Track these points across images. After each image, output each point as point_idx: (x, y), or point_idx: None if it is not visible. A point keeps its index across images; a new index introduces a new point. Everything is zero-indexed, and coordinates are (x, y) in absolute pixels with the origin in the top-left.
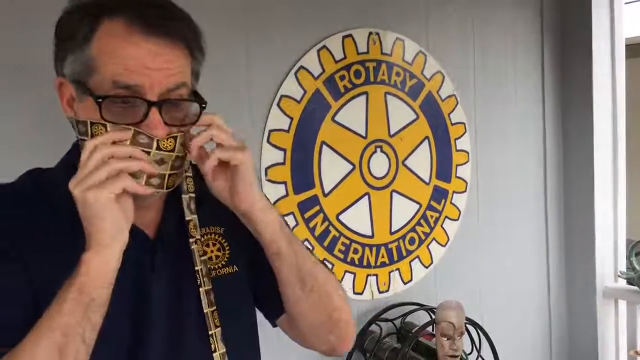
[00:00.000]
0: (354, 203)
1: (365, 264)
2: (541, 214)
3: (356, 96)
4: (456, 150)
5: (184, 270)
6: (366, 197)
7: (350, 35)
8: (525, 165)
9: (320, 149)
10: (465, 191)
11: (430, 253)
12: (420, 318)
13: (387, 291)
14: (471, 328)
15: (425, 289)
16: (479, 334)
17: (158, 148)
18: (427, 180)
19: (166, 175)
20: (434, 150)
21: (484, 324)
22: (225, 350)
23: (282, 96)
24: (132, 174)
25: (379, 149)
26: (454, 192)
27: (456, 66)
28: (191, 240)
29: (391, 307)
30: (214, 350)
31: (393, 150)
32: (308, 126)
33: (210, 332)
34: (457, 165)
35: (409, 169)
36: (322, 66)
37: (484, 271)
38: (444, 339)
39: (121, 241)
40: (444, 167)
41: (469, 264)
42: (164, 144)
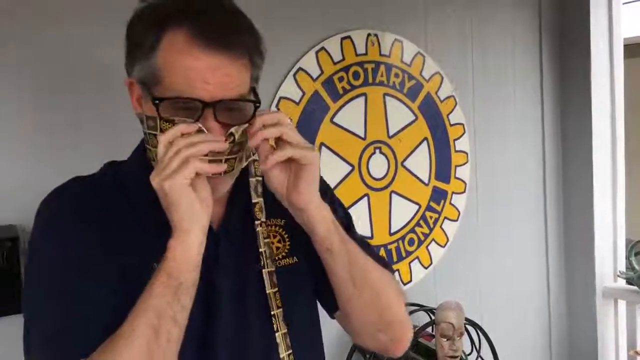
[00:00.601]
0: (353, 204)
1: None
2: (540, 214)
3: (355, 97)
4: (455, 151)
5: (247, 257)
6: (365, 198)
7: (348, 36)
8: (525, 166)
9: (319, 150)
10: (464, 192)
11: (429, 254)
12: (420, 319)
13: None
14: (471, 328)
15: (425, 289)
16: (478, 334)
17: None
18: (426, 181)
19: (223, 160)
20: (433, 151)
21: (483, 324)
22: (286, 332)
23: (281, 98)
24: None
25: (378, 150)
26: (453, 192)
27: (455, 67)
28: (256, 222)
29: None
30: (276, 330)
31: (392, 151)
32: (307, 128)
33: (272, 312)
34: (456, 166)
35: (408, 170)
36: (320, 68)
37: (483, 272)
38: (444, 339)
39: (200, 225)
40: (443, 167)
41: (469, 264)
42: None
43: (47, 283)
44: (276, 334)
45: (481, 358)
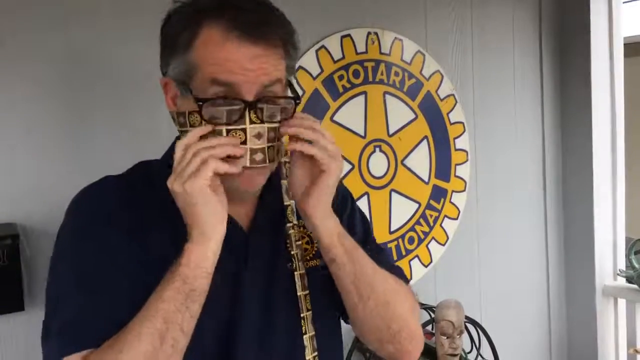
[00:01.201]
0: None
1: None
2: (540, 212)
3: (355, 96)
4: (455, 150)
5: (276, 258)
6: (365, 196)
7: (348, 35)
8: (524, 164)
9: None
10: (464, 190)
11: (429, 252)
12: (420, 317)
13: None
14: (471, 327)
15: (425, 288)
16: (478, 332)
17: (251, 122)
18: (426, 180)
19: (266, 149)
20: (433, 150)
21: (483, 322)
22: (314, 334)
23: None
24: (233, 157)
25: (377, 149)
26: (453, 191)
27: (455, 66)
28: (288, 225)
29: None
30: (304, 333)
31: (392, 149)
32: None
33: (302, 315)
34: (456, 165)
35: (408, 169)
36: (320, 66)
37: (483, 270)
38: (444, 337)
39: (220, 231)
40: (443, 166)
41: (469, 263)
42: (254, 117)
43: (71, 275)
44: (304, 336)
45: (481, 356)
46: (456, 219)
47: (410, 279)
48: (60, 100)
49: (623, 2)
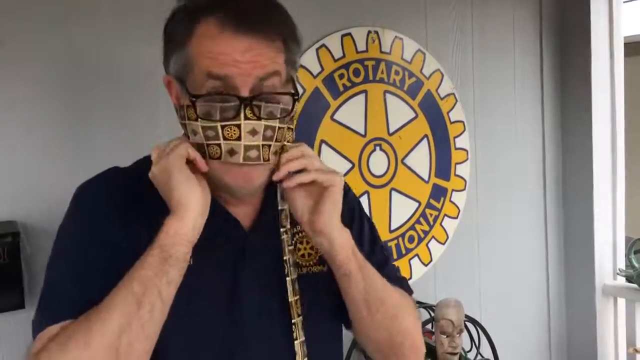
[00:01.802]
0: None
1: None
2: (540, 211)
3: (355, 95)
4: (455, 149)
5: (274, 260)
6: (365, 195)
7: (349, 33)
8: (524, 164)
9: (319, 147)
10: (464, 189)
11: (429, 251)
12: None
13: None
14: (470, 326)
15: (425, 287)
16: (478, 331)
17: (246, 118)
18: (426, 179)
19: (260, 146)
20: (433, 149)
21: (483, 321)
22: (304, 340)
23: None
24: (230, 151)
25: (378, 148)
26: (453, 190)
27: (455, 64)
28: (282, 230)
29: None
30: (295, 338)
31: (392, 148)
32: (307, 125)
33: (293, 320)
34: (456, 164)
35: (408, 168)
36: (321, 65)
37: (483, 269)
38: (443, 336)
39: (197, 203)
40: (443, 165)
41: (468, 262)
42: (249, 113)
43: (61, 259)
44: (295, 341)
45: (481, 355)
46: (456, 218)
47: (410, 278)
48: (60, 100)
49: (623, 2)
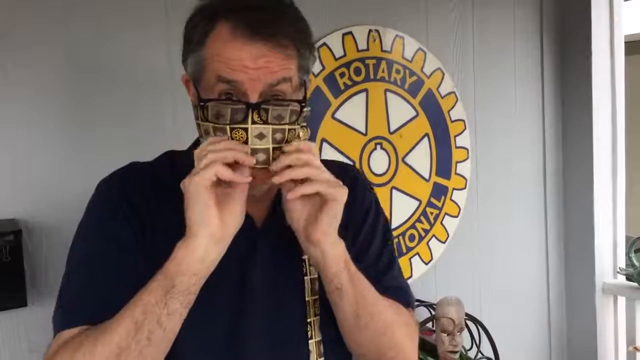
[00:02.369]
0: None
1: None
2: (541, 210)
3: (356, 93)
4: (456, 147)
5: (286, 259)
6: None
7: (350, 32)
8: (525, 162)
9: (320, 146)
10: (465, 188)
11: (430, 249)
12: (420, 314)
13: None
14: (471, 324)
15: (425, 285)
16: (478, 329)
17: (253, 122)
18: (427, 177)
19: (270, 149)
20: (433, 147)
21: (483, 319)
22: (320, 339)
23: None
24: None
25: (379, 146)
26: (453, 188)
27: (456, 63)
28: None
29: None
30: (310, 337)
31: (393, 147)
32: (308, 123)
33: (309, 320)
34: (456, 162)
35: (409, 166)
36: (322, 63)
37: (483, 267)
38: (444, 334)
39: (209, 231)
40: (443, 164)
41: (469, 260)
42: (257, 118)
43: (80, 256)
44: (310, 341)
45: (481, 353)
46: (457, 216)
47: (410, 276)
48: (61, 99)
49: (624, 0)
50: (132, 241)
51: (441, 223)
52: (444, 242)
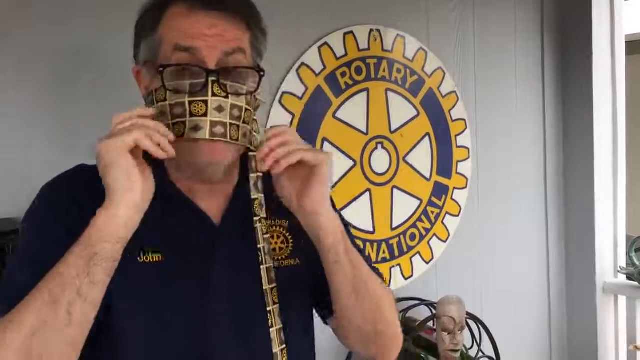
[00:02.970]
0: (355, 199)
1: None
2: (541, 209)
3: (357, 93)
4: (457, 147)
5: (246, 252)
6: (367, 193)
7: (351, 32)
8: (526, 161)
9: (321, 145)
10: (465, 187)
11: (431, 249)
12: (421, 313)
13: (388, 287)
14: (472, 323)
15: (426, 284)
16: (479, 328)
17: (213, 94)
18: (427, 177)
19: (227, 124)
20: (434, 147)
21: (484, 318)
22: (281, 327)
23: (284, 93)
24: (195, 127)
25: (380, 145)
26: (454, 188)
27: (457, 62)
28: (255, 218)
29: None
30: (271, 326)
31: (394, 146)
32: (309, 123)
33: (268, 308)
34: (457, 162)
35: (410, 165)
36: (323, 63)
37: (484, 266)
38: (445, 333)
39: (131, 198)
40: (444, 163)
41: (470, 259)
42: (217, 90)
43: (20, 247)
44: (271, 329)
45: (482, 352)
46: (457, 215)
47: (411, 276)
48: (62, 98)
49: (625, 0)
50: (59, 242)
51: (442, 222)
52: (444, 241)
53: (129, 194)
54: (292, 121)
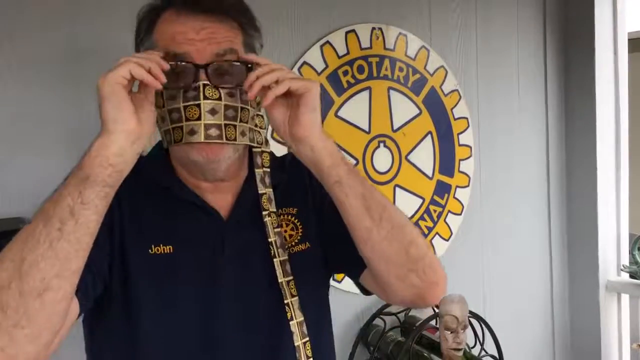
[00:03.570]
0: None
1: None
2: (544, 208)
3: (359, 91)
4: (459, 145)
5: (255, 246)
6: None
7: (353, 30)
8: (528, 160)
9: None
10: (468, 186)
11: (433, 247)
12: (424, 312)
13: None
14: (474, 321)
15: None
16: (482, 327)
17: (205, 97)
18: (430, 175)
19: (222, 125)
20: (437, 145)
21: (487, 317)
22: (302, 320)
23: None
24: (190, 131)
25: (382, 144)
26: (457, 186)
27: (459, 61)
28: (264, 213)
29: None
30: (291, 319)
31: (396, 145)
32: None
33: (286, 301)
34: (460, 160)
35: (412, 164)
36: (325, 61)
37: (487, 265)
38: (448, 332)
39: (124, 129)
40: (447, 161)
41: (472, 258)
42: (209, 93)
43: None
44: (291, 322)
45: (485, 351)
46: (460, 214)
47: None
48: (66, 97)
49: None
50: (103, 237)
51: (444, 221)
52: (447, 240)
53: (121, 125)
54: None
